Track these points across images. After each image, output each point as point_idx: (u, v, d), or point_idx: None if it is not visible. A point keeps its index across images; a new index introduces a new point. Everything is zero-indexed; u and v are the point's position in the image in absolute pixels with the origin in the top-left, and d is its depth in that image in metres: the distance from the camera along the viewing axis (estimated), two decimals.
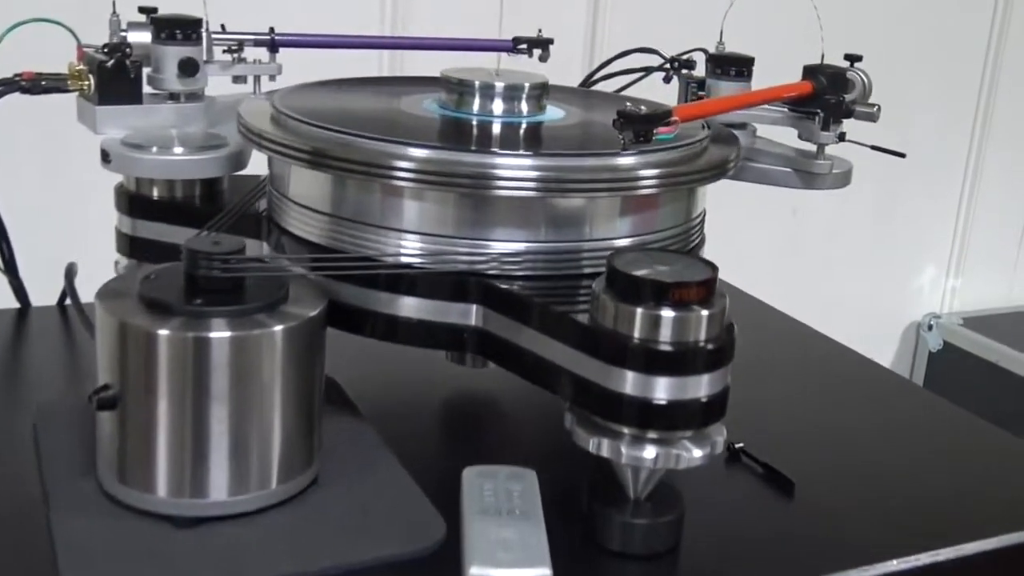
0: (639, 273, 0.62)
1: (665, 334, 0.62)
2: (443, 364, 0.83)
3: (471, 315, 0.70)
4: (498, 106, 0.80)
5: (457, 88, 0.80)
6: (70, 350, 0.95)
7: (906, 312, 2.34)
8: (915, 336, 2.36)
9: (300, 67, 0.99)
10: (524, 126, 0.80)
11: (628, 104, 0.72)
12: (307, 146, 0.70)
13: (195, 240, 0.66)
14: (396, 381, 0.90)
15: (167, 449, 0.63)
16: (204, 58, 0.93)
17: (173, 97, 0.89)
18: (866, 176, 0.91)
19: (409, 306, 0.71)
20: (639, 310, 0.62)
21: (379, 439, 0.76)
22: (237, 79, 0.97)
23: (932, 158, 2.23)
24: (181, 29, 0.87)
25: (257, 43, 0.98)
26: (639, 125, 0.71)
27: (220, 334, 0.62)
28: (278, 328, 0.65)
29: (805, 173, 0.93)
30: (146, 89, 0.88)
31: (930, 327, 2.32)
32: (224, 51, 0.96)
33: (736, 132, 0.96)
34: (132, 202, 0.83)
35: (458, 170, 0.68)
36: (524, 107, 0.81)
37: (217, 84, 0.97)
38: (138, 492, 0.64)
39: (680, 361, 0.62)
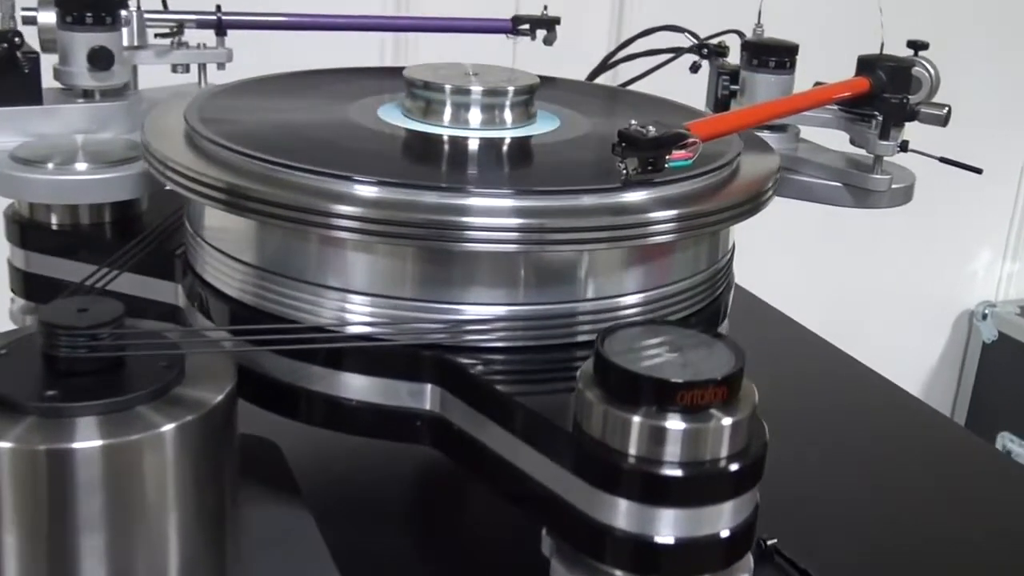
0: (636, 367, 0.46)
1: (672, 451, 0.46)
2: None
3: (425, 397, 0.55)
4: (475, 116, 0.64)
5: (423, 93, 0.64)
6: None
7: (958, 300, 2.15)
8: (967, 326, 2.17)
9: (285, 55, 0.83)
10: (506, 146, 0.63)
11: (632, 123, 0.55)
12: (219, 182, 0.54)
13: (55, 308, 0.50)
14: (358, 443, 0.75)
15: None
16: (134, 43, 0.78)
17: (87, 95, 0.73)
18: (916, 154, 0.74)
19: (347, 384, 0.55)
20: (636, 418, 0.46)
21: (318, 538, 0.61)
22: (177, 68, 0.81)
23: (989, 136, 2.03)
24: (92, 10, 0.71)
25: (200, 24, 0.82)
26: (646, 151, 0.54)
27: (85, 444, 0.47)
28: (168, 428, 0.49)
29: (858, 189, 0.76)
30: (56, 84, 0.73)
31: (984, 316, 2.13)
32: (159, 35, 0.80)
33: (775, 136, 0.79)
34: (24, 231, 0.67)
35: (412, 219, 0.51)
36: (508, 116, 0.64)
37: (156, 75, 0.81)
38: None
39: (692, 489, 0.46)
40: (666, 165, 0.56)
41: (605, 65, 0.94)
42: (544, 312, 0.55)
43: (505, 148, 0.63)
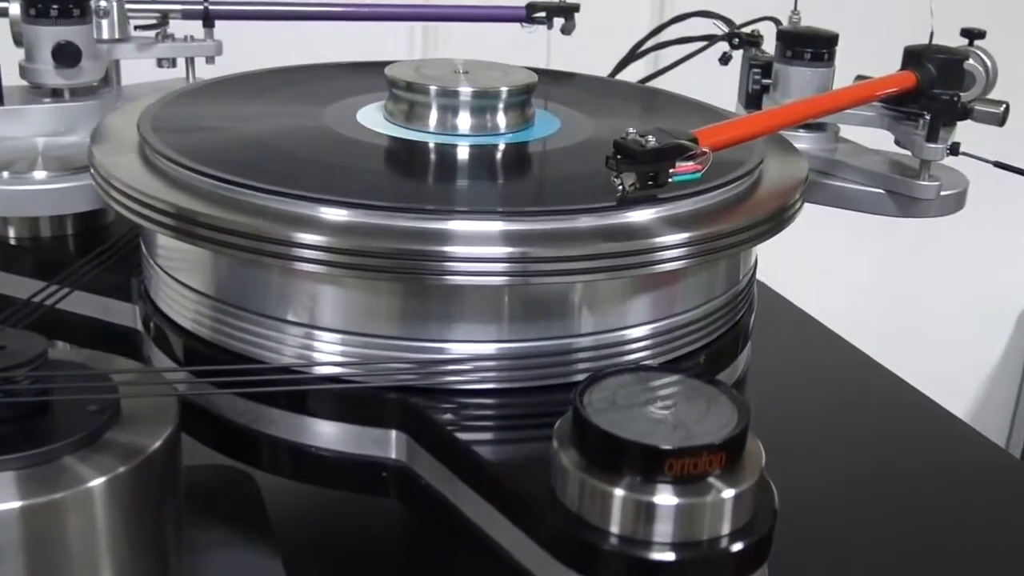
0: (619, 428, 0.39)
1: (662, 530, 0.39)
2: None
3: (390, 444, 0.48)
4: (463, 121, 0.57)
5: (405, 95, 0.57)
6: None
7: (1018, 297, 2.04)
8: None
9: (295, 48, 0.77)
10: (498, 155, 0.56)
11: (630, 132, 0.48)
12: (168, 206, 0.48)
13: None
14: None
15: None
16: (115, 35, 0.72)
17: (56, 94, 0.68)
18: (980, 142, 0.66)
19: (305, 428, 0.49)
20: (618, 491, 0.39)
21: None
22: (163, 62, 0.75)
23: None
24: (58, 2, 0.65)
25: (186, 15, 0.76)
26: (645, 164, 0.47)
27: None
28: (97, 482, 0.43)
29: (902, 196, 0.68)
30: (22, 82, 0.68)
31: None
32: (142, 27, 0.75)
33: (811, 135, 0.71)
34: None
35: (380, 249, 0.45)
36: (501, 120, 0.57)
37: (141, 70, 0.75)
38: None
39: (686, 575, 0.39)
40: (670, 179, 0.49)
41: (632, 56, 0.86)
42: (531, 349, 0.48)
43: (496, 158, 0.56)
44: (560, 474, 0.41)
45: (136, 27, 0.73)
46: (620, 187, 0.48)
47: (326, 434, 0.49)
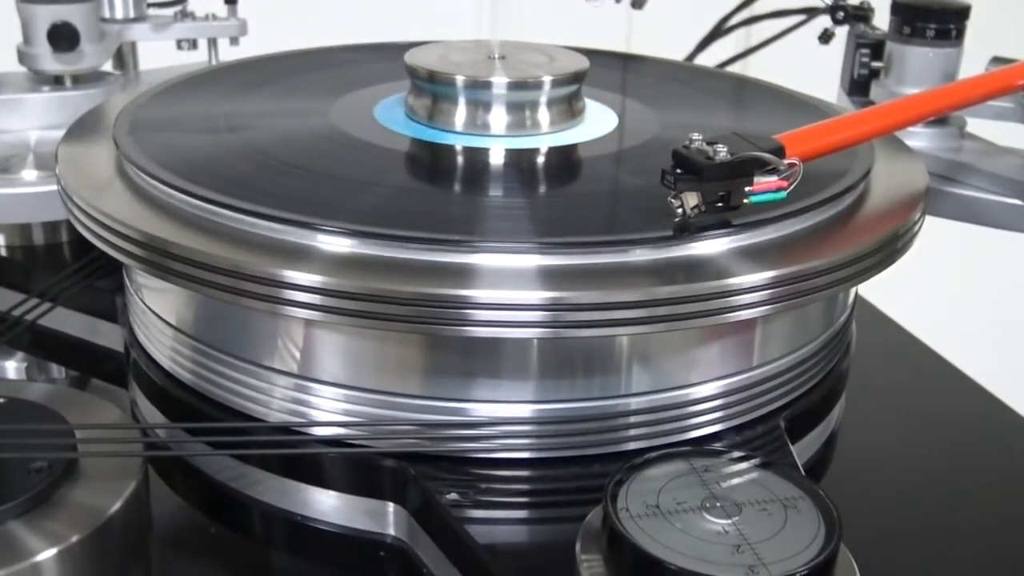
0: (661, 548, 0.29)
1: None
2: None
3: (387, 520, 0.39)
4: (497, 118, 0.47)
5: (427, 87, 0.47)
6: None
7: None
8: None
9: (336, 28, 0.69)
10: (539, 162, 0.46)
11: (695, 138, 0.38)
12: (136, 233, 0.39)
13: None
14: None
15: None
16: (129, 14, 0.65)
17: (58, 81, 0.61)
18: None
19: (293, 496, 0.40)
20: None
21: None
22: (183, 44, 0.68)
23: None
24: None
25: None
26: (712, 181, 0.37)
27: None
28: (46, 555, 0.37)
29: None
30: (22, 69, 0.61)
31: None
32: (158, 3, 0.67)
33: (930, 131, 0.59)
34: None
35: (384, 292, 0.35)
36: (543, 117, 0.47)
37: (160, 52, 0.68)
38: None
39: None
40: (746, 200, 0.38)
41: (715, 34, 0.75)
42: (570, 412, 0.39)
43: (536, 166, 0.46)
44: None
45: (151, 4, 0.66)
46: (680, 210, 0.38)
47: (316, 502, 0.40)
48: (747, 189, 0.38)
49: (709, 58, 0.74)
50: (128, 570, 0.42)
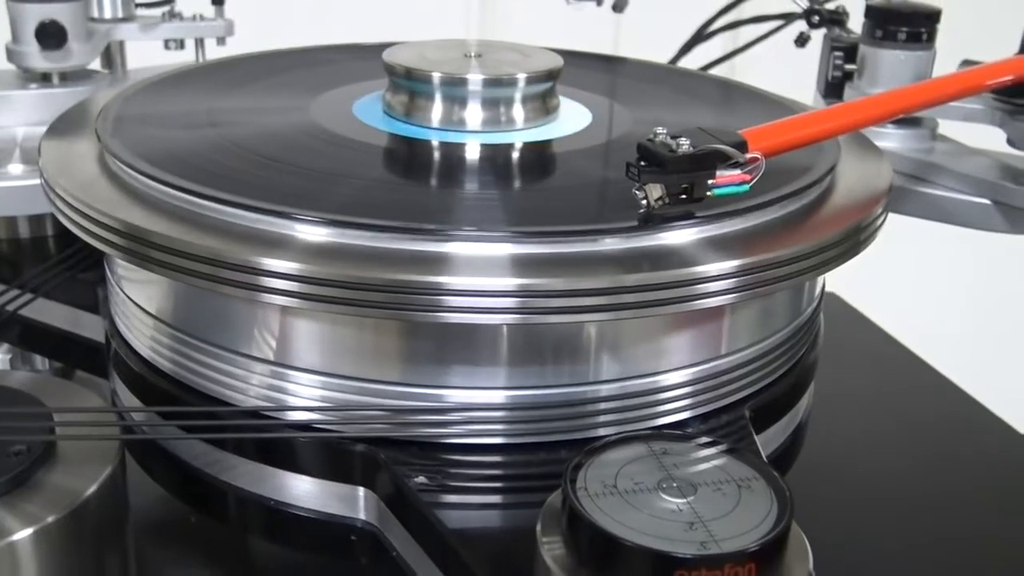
0: (619, 525, 0.30)
1: None
2: None
3: (358, 504, 0.40)
4: (473, 115, 0.48)
5: (405, 84, 0.49)
6: None
7: None
8: None
9: (323, 28, 0.70)
10: (513, 156, 0.47)
11: (659, 132, 0.39)
12: (117, 223, 0.40)
13: None
14: None
15: None
16: (117, 14, 0.66)
17: (46, 78, 0.62)
18: None
19: (265, 480, 0.41)
20: None
21: None
22: (170, 44, 0.69)
23: None
24: None
25: None
26: (675, 173, 0.38)
27: None
28: (22, 535, 0.38)
29: (1012, 209, 0.56)
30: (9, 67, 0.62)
31: None
32: (145, 3, 0.68)
33: (903, 131, 0.60)
34: None
35: (360, 279, 0.36)
36: (517, 114, 0.48)
37: (148, 52, 0.69)
38: None
39: None
40: (709, 192, 0.39)
41: (698, 38, 0.76)
42: (540, 399, 0.40)
43: (510, 161, 0.47)
44: (543, 571, 0.32)
45: (139, 5, 0.67)
46: (644, 202, 0.39)
47: (289, 487, 0.41)
48: (710, 182, 0.39)
49: (696, 61, 0.75)
50: (105, 555, 0.43)
